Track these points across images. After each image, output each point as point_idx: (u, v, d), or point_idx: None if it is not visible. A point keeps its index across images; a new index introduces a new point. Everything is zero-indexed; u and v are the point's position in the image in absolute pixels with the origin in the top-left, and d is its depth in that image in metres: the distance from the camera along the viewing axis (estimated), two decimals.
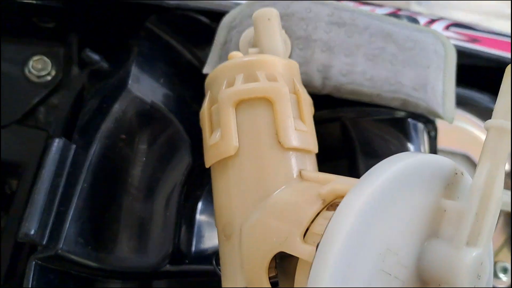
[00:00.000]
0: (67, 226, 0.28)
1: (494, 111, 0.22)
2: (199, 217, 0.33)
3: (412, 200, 0.20)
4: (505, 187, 0.40)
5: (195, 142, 0.33)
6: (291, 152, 0.25)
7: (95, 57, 0.36)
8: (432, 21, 0.52)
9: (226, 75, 0.27)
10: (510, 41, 0.55)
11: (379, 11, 0.49)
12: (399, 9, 0.52)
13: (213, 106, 0.27)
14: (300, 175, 0.25)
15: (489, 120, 0.21)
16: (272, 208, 0.24)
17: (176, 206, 0.31)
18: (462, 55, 0.50)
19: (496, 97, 0.45)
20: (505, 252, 0.38)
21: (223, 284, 0.25)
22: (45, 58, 0.39)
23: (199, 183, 0.34)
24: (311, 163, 0.27)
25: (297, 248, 0.21)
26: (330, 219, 0.19)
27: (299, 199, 0.23)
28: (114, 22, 0.39)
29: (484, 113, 0.44)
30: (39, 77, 0.38)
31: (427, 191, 0.21)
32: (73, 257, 0.27)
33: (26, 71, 0.38)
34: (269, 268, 0.23)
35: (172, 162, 0.32)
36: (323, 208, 0.22)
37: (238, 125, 0.26)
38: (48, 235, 0.27)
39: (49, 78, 0.39)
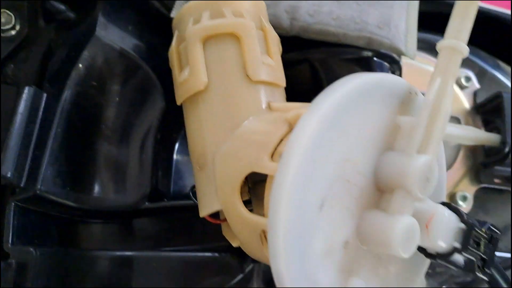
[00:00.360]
0: (44, 168, 0.29)
1: (445, 32, 0.24)
2: (176, 158, 0.35)
3: (368, 116, 0.22)
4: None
5: (168, 87, 0.34)
6: (259, 85, 0.27)
7: (60, 6, 0.36)
8: None
9: (193, 13, 0.28)
10: None
11: None
12: None
13: (181, 44, 0.29)
14: (269, 106, 0.27)
15: (441, 41, 0.24)
16: (242, 136, 0.26)
17: (152, 147, 0.33)
18: (435, 2, 0.52)
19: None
20: (465, 183, 0.42)
21: (201, 212, 0.27)
22: (8, 12, 0.39)
23: (175, 126, 0.35)
24: (280, 97, 0.28)
25: (266, 166, 0.23)
26: (289, 134, 0.21)
27: (267, 126, 0.25)
28: None
29: None
30: (3, 31, 0.39)
31: (383, 107, 0.23)
32: (52, 197, 0.29)
33: None
34: (243, 193, 0.26)
35: (144, 107, 0.34)
36: (289, 131, 0.24)
37: (207, 61, 0.27)
38: (26, 177, 0.28)
39: (13, 32, 0.39)
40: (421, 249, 0.23)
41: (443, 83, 0.23)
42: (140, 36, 0.36)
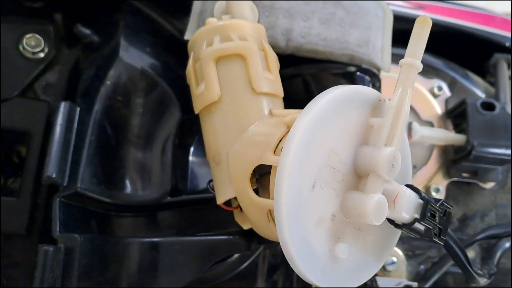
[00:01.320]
0: (82, 170, 0.37)
1: (406, 52, 0.32)
2: (192, 160, 0.44)
3: (348, 118, 0.31)
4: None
5: (183, 100, 0.42)
6: (262, 96, 0.35)
7: (86, 31, 0.44)
8: None
9: (205, 37, 0.37)
10: (454, 7, 0.67)
11: None
12: None
13: (197, 63, 0.37)
14: (270, 113, 0.35)
15: (402, 59, 0.32)
16: (249, 137, 0.34)
17: (171, 152, 0.41)
18: (409, 21, 0.61)
19: (435, 56, 0.58)
20: (438, 177, 0.51)
21: (218, 200, 0.35)
22: (38, 36, 0.47)
23: (190, 134, 0.44)
24: (279, 105, 0.37)
25: (269, 159, 0.31)
26: (287, 133, 0.29)
27: (269, 128, 0.34)
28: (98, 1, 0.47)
29: (423, 69, 0.55)
30: (33, 53, 0.47)
31: (359, 111, 0.31)
32: (90, 194, 0.37)
33: (21, 48, 0.46)
34: (252, 183, 0.34)
35: (164, 117, 0.42)
36: (287, 132, 0.33)
37: (219, 77, 0.35)
38: (68, 178, 0.36)
39: (42, 55, 0.47)
40: (390, 221, 0.32)
41: (403, 92, 0.31)
42: (156, 56, 0.44)
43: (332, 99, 0.30)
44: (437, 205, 0.32)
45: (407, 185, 0.32)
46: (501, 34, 0.62)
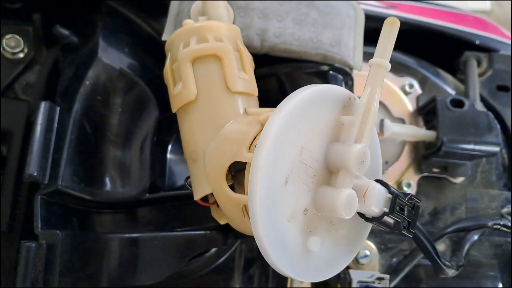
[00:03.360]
0: (62, 168, 0.36)
1: (375, 52, 0.33)
2: (170, 158, 0.43)
3: (320, 116, 0.31)
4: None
5: (161, 99, 0.42)
6: (237, 95, 0.35)
7: (65, 32, 0.44)
8: None
9: (182, 38, 0.37)
10: (425, 6, 0.68)
11: None
12: None
13: (174, 64, 0.37)
14: (245, 111, 0.36)
15: (371, 59, 0.33)
16: (225, 135, 0.34)
17: (150, 149, 0.41)
18: (381, 20, 0.62)
19: (407, 54, 0.58)
20: (410, 172, 0.52)
21: (195, 196, 0.35)
22: (17, 37, 0.46)
23: (168, 132, 0.43)
24: (254, 104, 0.37)
25: (244, 156, 0.31)
26: (261, 131, 0.29)
27: (244, 126, 0.34)
28: (76, 2, 0.47)
29: (394, 67, 0.56)
30: (13, 54, 0.46)
31: (330, 110, 0.32)
32: (71, 191, 0.36)
33: (1, 49, 0.46)
34: (228, 180, 0.34)
35: (142, 116, 0.42)
36: (261, 129, 0.33)
37: (195, 77, 0.35)
38: (49, 176, 0.36)
39: (22, 55, 0.46)
40: (361, 215, 0.32)
41: (372, 91, 0.31)
42: (134, 56, 0.44)
43: (304, 98, 0.30)
44: (406, 199, 0.32)
45: (377, 180, 0.33)
46: (472, 32, 0.63)
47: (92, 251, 0.36)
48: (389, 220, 0.32)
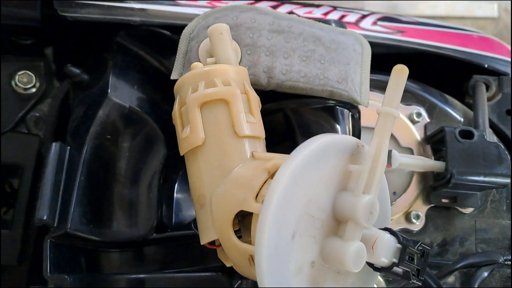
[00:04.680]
0: (72, 210, 0.36)
1: (383, 100, 0.32)
2: (176, 195, 0.43)
3: (327, 166, 0.30)
4: None
5: (169, 136, 0.41)
6: (244, 139, 0.35)
7: (76, 71, 0.43)
8: (363, 16, 0.62)
9: (191, 82, 0.36)
10: (432, 29, 0.66)
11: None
12: (334, 8, 0.62)
13: (182, 107, 0.36)
14: (252, 155, 0.35)
15: (379, 107, 0.32)
16: (232, 181, 0.33)
17: (157, 188, 0.40)
18: (388, 45, 0.61)
19: (413, 81, 0.57)
20: (418, 203, 0.50)
21: (201, 241, 0.34)
22: (29, 72, 0.46)
23: (174, 169, 0.43)
24: (260, 146, 0.36)
25: (251, 206, 0.31)
26: (270, 183, 0.28)
27: (252, 172, 0.33)
28: (87, 37, 0.47)
29: (403, 95, 0.55)
30: (25, 89, 0.46)
31: (338, 159, 0.31)
32: (79, 234, 0.36)
33: (13, 85, 0.45)
34: (234, 224, 0.33)
35: (150, 154, 0.41)
36: (268, 177, 0.32)
37: (203, 121, 0.35)
38: (58, 219, 0.35)
39: (34, 90, 0.46)
40: (370, 264, 0.31)
41: (380, 140, 0.30)
42: (144, 93, 0.43)
43: (313, 151, 0.29)
44: (416, 247, 0.31)
45: (385, 229, 0.32)
46: (480, 54, 0.61)
47: None
48: (398, 269, 0.31)
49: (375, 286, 0.48)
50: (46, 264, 0.34)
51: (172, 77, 0.42)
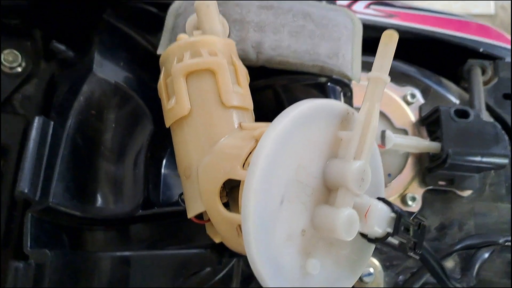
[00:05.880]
0: (54, 184, 0.35)
1: (372, 66, 0.31)
2: (164, 172, 0.41)
3: (316, 131, 0.29)
4: None
5: (155, 113, 0.40)
6: (231, 110, 0.34)
7: (61, 47, 0.42)
8: (355, 0, 0.61)
9: (176, 53, 0.35)
10: (427, 14, 0.66)
11: None
12: None
13: (168, 78, 0.35)
14: (240, 126, 0.34)
15: (369, 73, 0.31)
16: (219, 151, 0.32)
17: (144, 164, 0.39)
18: (380, 29, 0.60)
19: (408, 63, 0.56)
20: (414, 185, 0.49)
21: (188, 214, 0.33)
22: (15, 51, 0.45)
23: (162, 146, 0.42)
24: (249, 118, 0.35)
25: (238, 173, 0.29)
26: (255, 148, 0.27)
27: (239, 142, 0.32)
28: (74, 16, 0.46)
29: (396, 77, 0.54)
30: (11, 68, 0.45)
31: (327, 125, 0.30)
32: (62, 208, 0.35)
33: (0, 64, 0.44)
34: (222, 197, 0.32)
35: (136, 130, 0.40)
36: (256, 146, 0.31)
37: (189, 92, 0.34)
38: (40, 192, 0.34)
39: (19, 69, 0.45)
40: (363, 235, 0.30)
41: (371, 105, 0.29)
42: (130, 70, 0.42)
43: (300, 113, 0.28)
44: (411, 218, 0.30)
45: (379, 198, 0.30)
46: (475, 39, 0.61)
47: (82, 271, 0.34)
48: (393, 241, 0.30)
49: (372, 270, 0.47)
50: (26, 238, 0.33)
51: (158, 52, 0.41)
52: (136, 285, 0.35)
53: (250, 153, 0.30)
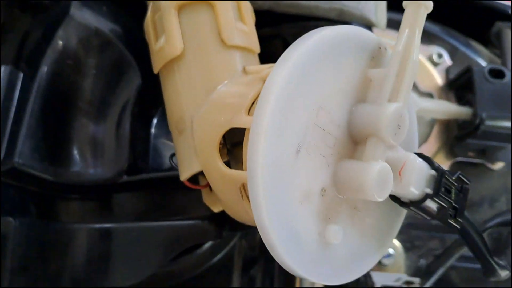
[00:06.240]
0: (21, 142, 0.29)
1: None
2: (155, 132, 0.36)
3: (340, 67, 0.23)
4: None
5: (144, 65, 0.34)
6: (234, 50, 0.28)
7: None
8: None
9: None
10: None
11: None
12: None
13: (156, 14, 0.29)
14: (244, 70, 0.28)
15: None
16: (219, 98, 0.26)
17: (129, 124, 0.33)
18: None
19: (432, 22, 0.50)
20: (440, 157, 0.43)
21: (181, 176, 0.28)
22: None
23: (152, 102, 0.36)
24: (254, 62, 0.29)
25: (242, 120, 0.24)
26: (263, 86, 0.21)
27: (243, 87, 0.26)
28: None
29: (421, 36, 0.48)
30: None
31: (354, 60, 0.24)
32: (30, 170, 0.29)
33: None
34: (222, 155, 0.26)
35: (120, 84, 0.34)
36: None
37: (182, 28, 0.28)
38: (4, 152, 0.28)
39: None
40: (394, 198, 0.24)
41: (410, 34, 0.24)
42: (114, 16, 0.36)
43: (320, 41, 0.22)
44: (453, 178, 0.24)
45: (415, 153, 0.25)
46: (503, 2, 0.55)
47: (53, 245, 0.28)
48: (431, 205, 0.24)
49: (391, 251, 0.41)
50: None
51: None
52: (119, 263, 0.29)
53: (257, 98, 0.25)
